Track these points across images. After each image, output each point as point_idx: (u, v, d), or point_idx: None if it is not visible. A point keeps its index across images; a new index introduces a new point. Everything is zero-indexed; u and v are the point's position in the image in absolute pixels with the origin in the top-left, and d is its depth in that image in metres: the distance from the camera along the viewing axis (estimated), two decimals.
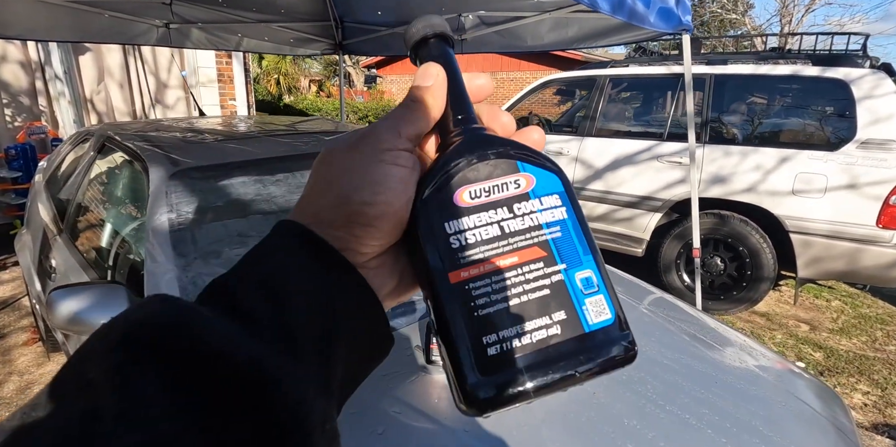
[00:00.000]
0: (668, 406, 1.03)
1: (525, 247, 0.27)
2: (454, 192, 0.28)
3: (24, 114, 4.70)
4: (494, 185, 0.28)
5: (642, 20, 1.77)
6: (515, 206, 0.28)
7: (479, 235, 0.27)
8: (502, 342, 0.25)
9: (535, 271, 0.27)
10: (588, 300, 0.27)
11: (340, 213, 0.27)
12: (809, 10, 14.68)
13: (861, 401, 2.55)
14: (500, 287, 0.26)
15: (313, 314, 0.24)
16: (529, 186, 0.28)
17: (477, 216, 0.27)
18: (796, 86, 3.34)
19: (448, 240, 0.27)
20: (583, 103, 4.32)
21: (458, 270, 0.26)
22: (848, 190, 2.93)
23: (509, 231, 0.27)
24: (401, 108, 0.30)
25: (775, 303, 3.68)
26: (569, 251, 0.28)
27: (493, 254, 0.27)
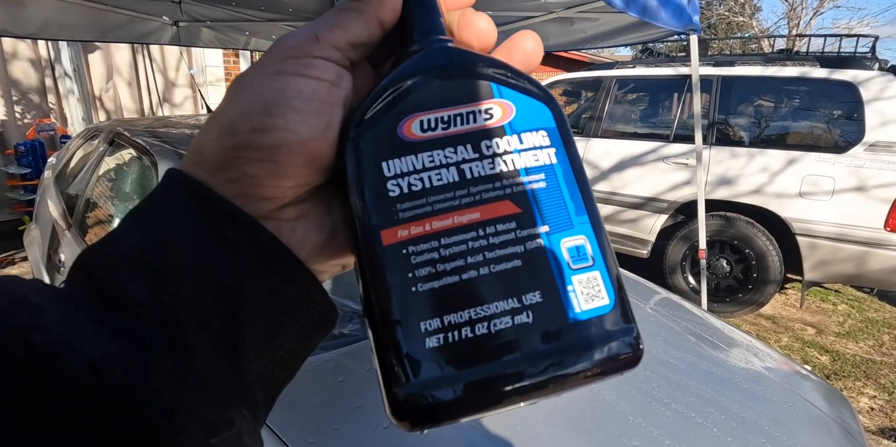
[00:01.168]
0: (673, 404, 1.03)
1: (492, 200, 0.20)
2: (400, 120, 0.21)
3: (34, 111, 4.74)
4: (457, 113, 0.21)
5: (654, 17, 1.77)
6: (484, 143, 0.21)
7: (429, 181, 0.20)
8: (447, 331, 0.19)
9: (504, 234, 0.20)
10: (577, 277, 0.20)
11: (226, 147, 0.20)
12: (817, 13, 14.62)
13: (868, 405, 2.53)
14: (450, 253, 0.19)
15: (201, 289, 0.18)
16: (507, 118, 0.21)
17: (428, 155, 0.20)
18: (804, 88, 3.33)
19: (384, 186, 0.20)
20: (589, 104, 4.32)
21: (395, 228, 0.19)
22: (855, 192, 2.91)
23: (472, 176, 0.20)
24: (334, 10, 0.23)
25: (781, 307, 3.66)
26: (555, 208, 0.21)
27: (446, 207, 0.20)
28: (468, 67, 0.22)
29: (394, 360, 0.18)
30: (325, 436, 0.86)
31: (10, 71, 4.52)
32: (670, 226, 3.59)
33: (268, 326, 0.19)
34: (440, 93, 0.21)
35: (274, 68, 0.21)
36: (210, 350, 0.18)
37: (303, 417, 0.89)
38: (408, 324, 0.19)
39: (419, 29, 0.23)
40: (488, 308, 0.19)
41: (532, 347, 0.19)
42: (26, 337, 0.15)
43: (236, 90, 0.21)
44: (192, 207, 0.19)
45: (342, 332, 1.10)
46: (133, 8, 3.00)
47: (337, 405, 0.92)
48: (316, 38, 0.21)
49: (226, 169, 0.20)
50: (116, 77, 5.16)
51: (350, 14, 0.22)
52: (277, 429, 0.85)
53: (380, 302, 0.19)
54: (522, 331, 0.19)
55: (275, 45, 0.22)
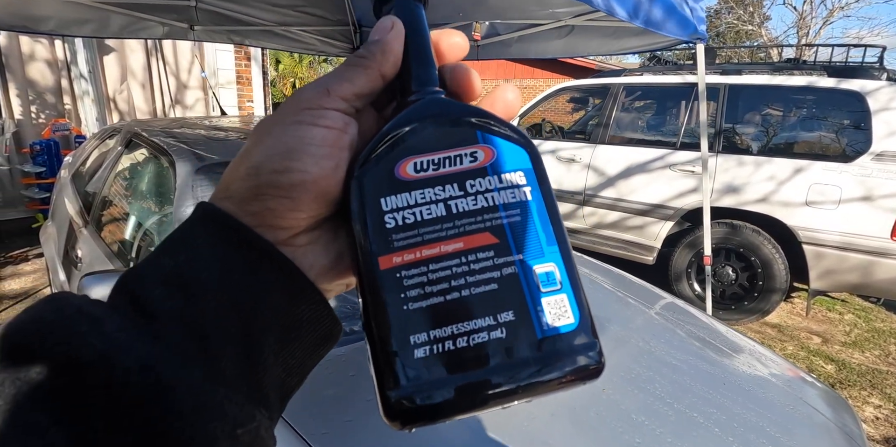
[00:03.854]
0: (676, 404, 1.05)
1: (474, 232, 0.23)
2: (397, 162, 0.24)
3: (49, 111, 4.82)
4: (446, 156, 0.24)
5: (659, 26, 1.80)
6: (468, 182, 0.24)
7: (421, 214, 0.23)
8: (433, 343, 0.22)
9: (483, 261, 0.23)
10: (546, 299, 0.23)
11: (251, 185, 0.23)
12: (827, 23, 14.61)
13: (873, 414, 2.53)
14: (437, 277, 0.23)
15: (226, 304, 0.21)
16: (487, 160, 0.25)
17: (420, 192, 0.24)
18: (811, 97, 3.34)
19: (382, 219, 0.23)
20: (596, 111, 4.34)
21: (391, 255, 0.23)
22: (862, 202, 2.92)
23: (457, 211, 0.24)
24: (342, 65, 0.27)
25: (787, 315, 3.66)
26: (528, 239, 0.24)
27: (435, 237, 0.23)
28: (456, 117, 0.25)
29: (387, 368, 0.22)
30: (338, 427, 0.89)
31: (28, 72, 4.61)
32: (676, 233, 3.60)
33: (282, 338, 0.22)
34: (432, 138, 0.25)
35: (293, 118, 0.24)
36: (232, 356, 0.20)
37: (317, 410, 0.92)
38: (400, 337, 0.22)
39: (416, 80, 0.27)
40: (468, 324, 0.22)
41: (505, 359, 0.22)
42: (89, 339, 0.18)
43: (260, 135, 0.25)
44: (220, 235, 0.22)
45: (353, 329, 1.13)
46: (149, 11, 3.06)
47: (349, 398, 0.95)
48: (327, 91, 0.25)
49: (250, 203, 0.23)
50: (130, 79, 5.25)
51: (356, 70, 0.26)
52: (292, 420, 0.88)
53: (376, 317, 0.22)
54: (497, 344, 0.22)
55: (293, 96, 0.25)
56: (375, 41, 0.27)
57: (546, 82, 13.09)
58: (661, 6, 1.76)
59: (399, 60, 0.27)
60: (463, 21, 3.25)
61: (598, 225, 3.93)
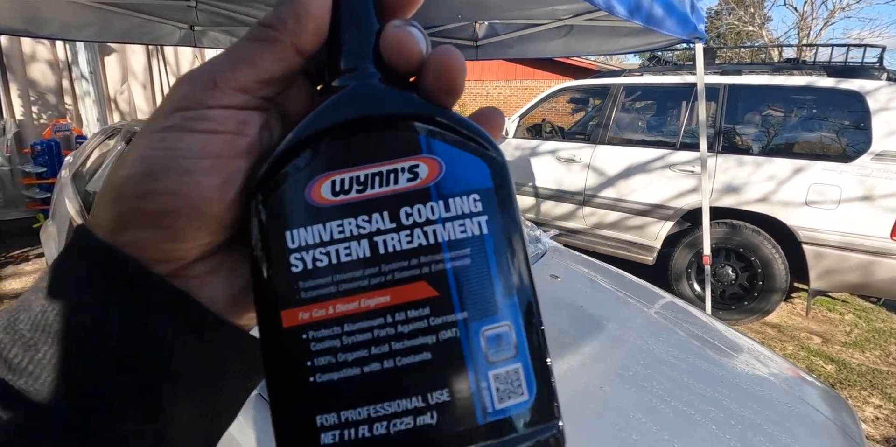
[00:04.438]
0: (673, 402, 1.05)
1: (406, 281, 0.18)
2: (309, 180, 0.18)
3: (51, 111, 4.84)
4: (375, 172, 0.18)
5: (659, 25, 1.81)
6: (404, 210, 0.18)
7: (337, 256, 0.18)
8: (343, 427, 0.17)
9: (415, 321, 0.18)
10: (494, 372, 0.17)
11: (115, 212, 0.18)
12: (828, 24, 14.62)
13: (873, 414, 2.52)
14: (353, 342, 0.17)
15: (106, 357, 0.17)
16: (432, 178, 0.18)
17: (338, 224, 0.18)
18: (811, 97, 3.34)
19: (288, 260, 0.18)
20: (596, 111, 4.35)
21: (297, 309, 0.18)
22: (862, 201, 2.92)
23: (385, 252, 0.18)
24: (242, 39, 0.19)
25: (787, 315, 3.65)
26: (478, 290, 0.18)
27: (353, 288, 0.18)
28: (393, 115, 0.19)
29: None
30: None
31: (29, 72, 4.62)
32: (676, 233, 3.59)
33: (196, 384, 0.19)
34: (357, 147, 0.18)
35: (160, 124, 0.18)
36: (120, 414, 0.17)
37: None
38: (304, 416, 0.17)
39: (347, 54, 0.20)
40: (389, 406, 0.17)
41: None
42: None
43: (129, 149, 0.19)
44: (94, 270, 0.18)
45: None
46: (149, 11, 3.07)
47: None
48: (214, 83, 0.18)
49: (120, 233, 0.18)
50: (131, 79, 5.26)
51: (260, 46, 0.19)
52: None
53: (276, 387, 0.18)
54: (424, 433, 0.17)
55: (168, 92, 0.19)
56: (287, 2, 0.19)
57: (546, 83, 13.10)
58: (661, 4, 1.77)
59: (324, 27, 0.19)
60: (462, 22, 3.26)
61: (597, 225, 3.93)
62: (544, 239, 1.93)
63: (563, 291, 1.55)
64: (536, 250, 1.80)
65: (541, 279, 1.60)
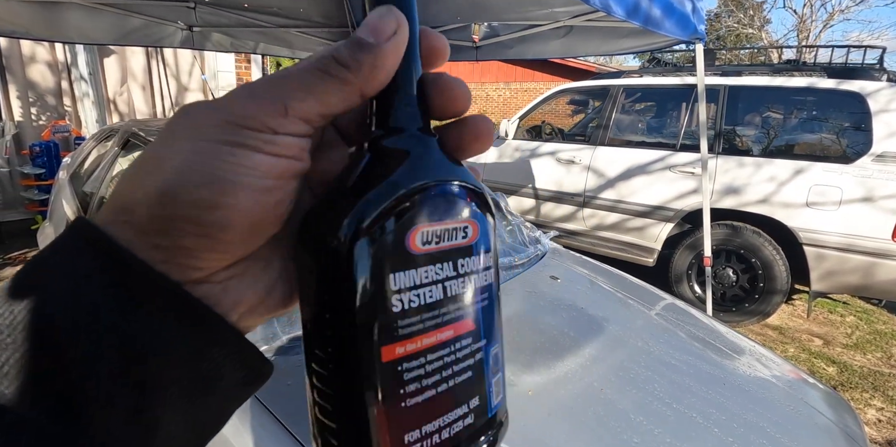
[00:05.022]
0: (675, 404, 1.04)
1: (461, 319, 0.22)
2: (408, 230, 0.20)
3: (50, 112, 4.83)
4: (446, 229, 0.21)
5: (658, 25, 1.80)
6: (460, 261, 0.22)
7: (425, 297, 0.20)
8: (423, 439, 0.20)
9: (465, 349, 0.22)
10: (494, 380, 0.23)
11: (163, 215, 0.18)
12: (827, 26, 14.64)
13: (875, 416, 2.51)
14: (432, 369, 0.20)
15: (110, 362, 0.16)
16: (474, 238, 0.22)
17: (425, 270, 0.20)
18: (811, 98, 3.34)
19: (390, 300, 0.20)
20: (596, 113, 4.34)
21: (394, 344, 0.20)
22: (863, 203, 2.91)
23: (450, 294, 0.21)
24: (314, 69, 0.20)
25: (788, 317, 3.64)
26: (491, 323, 0.23)
27: (433, 324, 0.21)
28: (459, 182, 0.22)
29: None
30: None
31: (28, 73, 4.62)
32: (676, 234, 3.58)
33: (190, 392, 0.19)
34: (440, 205, 0.21)
35: (231, 137, 0.18)
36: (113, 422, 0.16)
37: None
38: (396, 438, 0.20)
39: (400, 111, 0.22)
40: (450, 416, 0.21)
41: (470, 443, 0.22)
42: None
43: (177, 142, 0.18)
44: (107, 271, 0.17)
45: None
46: (149, 13, 3.07)
47: None
48: (285, 110, 0.19)
49: (157, 235, 0.18)
50: (131, 81, 5.26)
51: (331, 82, 0.20)
52: (286, 421, 0.86)
53: (372, 418, 0.19)
54: (467, 430, 0.22)
55: (231, 101, 0.19)
56: (367, 45, 0.20)
57: (546, 85, 13.11)
58: (660, 4, 1.76)
59: (388, 81, 0.21)
60: (461, 23, 3.26)
61: (597, 226, 3.92)
62: (544, 240, 1.92)
63: (563, 293, 1.54)
64: (536, 251, 1.79)
65: (541, 280, 1.59)
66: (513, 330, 1.26)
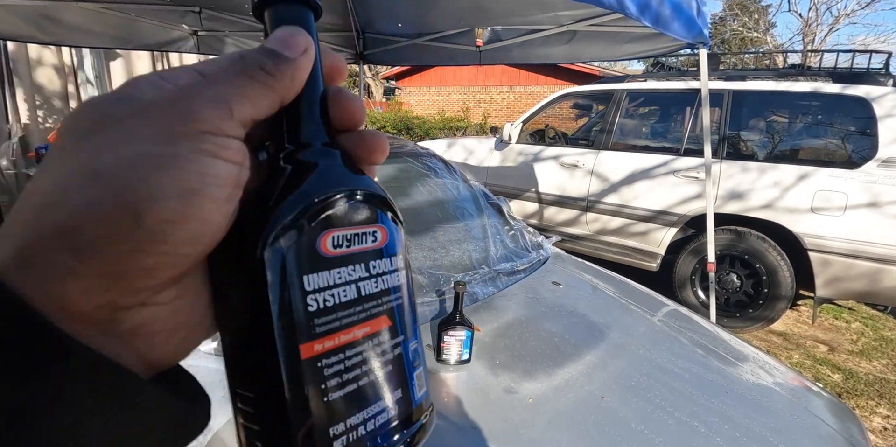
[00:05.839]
0: (676, 413, 1.03)
1: (377, 315, 0.23)
2: (318, 234, 0.21)
3: (56, 115, 4.87)
4: (356, 233, 0.23)
5: (666, 26, 1.80)
6: (371, 263, 0.23)
7: (339, 297, 0.22)
8: (349, 432, 0.21)
9: (382, 344, 0.23)
10: (416, 374, 0.25)
11: (117, 232, 0.16)
12: (833, 30, 14.60)
13: (881, 424, 2.48)
14: (351, 364, 0.22)
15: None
16: (383, 241, 0.24)
17: (338, 271, 0.22)
18: (816, 103, 3.32)
19: (306, 300, 0.21)
20: (599, 117, 4.34)
21: (313, 342, 0.21)
22: (869, 208, 2.89)
23: (364, 294, 0.23)
24: (242, 74, 0.20)
25: (793, 323, 3.61)
26: (406, 320, 0.25)
27: (350, 321, 0.22)
28: (367, 191, 0.24)
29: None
30: None
31: (35, 77, 4.66)
32: (680, 239, 3.57)
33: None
34: (350, 211, 0.23)
35: (191, 144, 0.17)
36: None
37: None
38: (322, 432, 0.21)
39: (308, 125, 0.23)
40: (373, 408, 0.22)
41: (395, 432, 0.23)
42: None
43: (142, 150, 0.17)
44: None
45: None
46: (155, 17, 3.09)
47: None
48: (230, 112, 0.19)
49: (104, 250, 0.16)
50: None
51: (260, 88, 0.20)
52: None
53: (296, 413, 0.20)
54: (392, 420, 0.23)
55: (181, 99, 0.18)
56: (286, 59, 0.21)
57: (549, 89, 13.12)
58: (670, 5, 1.76)
59: (300, 89, 0.22)
60: (465, 27, 3.27)
61: (601, 231, 3.91)
62: (546, 245, 1.91)
63: (564, 299, 1.53)
64: (539, 257, 1.78)
65: (543, 286, 1.58)
66: (513, 337, 1.25)
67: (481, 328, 1.24)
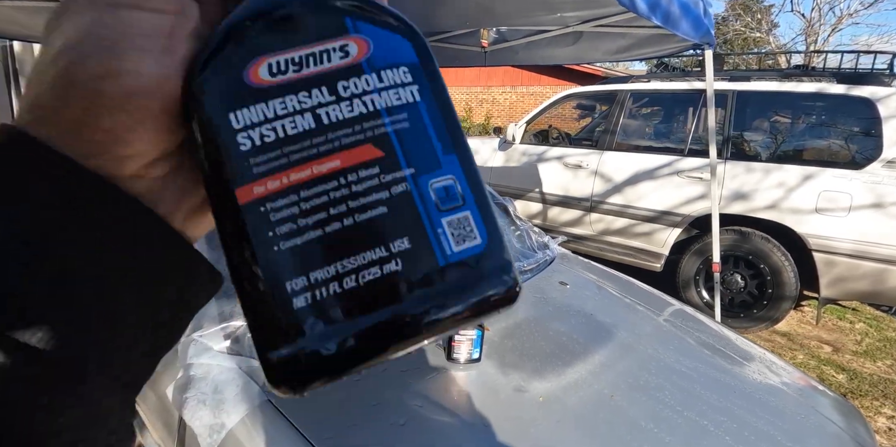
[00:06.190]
0: (685, 412, 1.04)
1: (353, 146, 0.19)
2: (246, 63, 0.19)
3: None
4: (309, 53, 0.19)
5: (675, 25, 1.80)
6: (341, 83, 0.19)
7: (284, 130, 0.19)
8: (314, 288, 0.18)
9: (367, 180, 0.19)
10: (447, 220, 0.19)
11: (69, 98, 0.17)
12: (836, 30, 14.57)
13: (885, 425, 2.48)
14: (312, 206, 0.18)
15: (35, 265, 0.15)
16: (362, 55, 0.20)
17: (280, 101, 0.19)
18: (820, 103, 3.32)
19: (235, 139, 0.18)
20: (602, 118, 4.34)
21: (250, 185, 0.18)
22: (873, 209, 2.89)
23: (329, 121, 0.19)
24: None
25: (797, 324, 3.61)
26: (420, 149, 0.19)
27: (304, 157, 0.19)
28: (319, 0, 0.20)
29: (263, 324, 0.18)
30: (344, 432, 0.88)
31: None
32: (684, 240, 3.57)
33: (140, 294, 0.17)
34: (290, 31, 0.19)
35: (106, 1, 0.17)
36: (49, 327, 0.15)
37: (322, 415, 0.91)
38: (273, 287, 0.18)
39: None
40: (354, 260, 0.18)
41: (404, 295, 0.18)
42: None
43: (62, 23, 0.17)
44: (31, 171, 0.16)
45: None
46: None
47: (355, 403, 0.94)
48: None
49: (73, 124, 0.17)
50: None
51: None
52: (299, 425, 0.87)
53: (242, 265, 0.18)
54: (392, 279, 0.18)
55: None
56: None
57: (553, 89, 13.12)
58: (678, 4, 1.78)
59: None
60: (470, 28, 3.28)
61: (605, 231, 3.92)
62: (553, 245, 1.92)
63: (572, 299, 1.54)
64: (545, 257, 1.79)
65: (550, 286, 1.59)
66: (522, 336, 1.27)
67: (490, 328, 1.25)
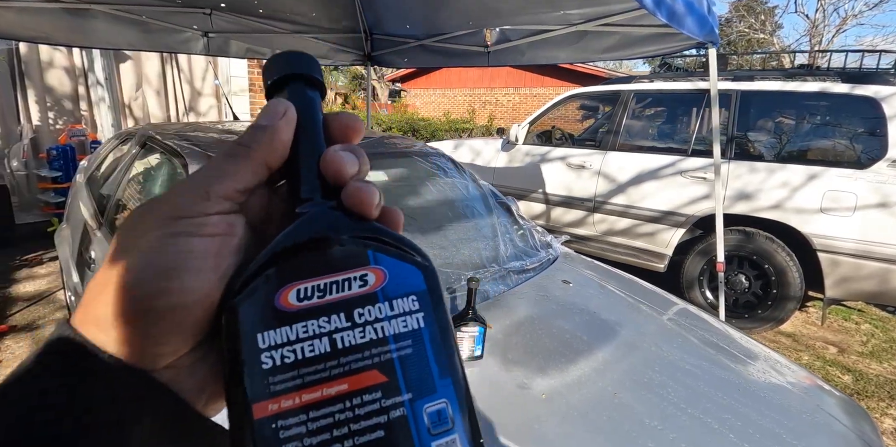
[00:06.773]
0: (690, 409, 1.03)
1: (360, 371, 0.21)
2: (278, 289, 0.21)
3: (66, 117, 4.92)
4: (333, 281, 0.22)
5: (680, 22, 1.80)
6: (357, 311, 0.22)
7: (302, 352, 0.20)
8: None
9: (369, 404, 0.20)
10: (437, 443, 0.20)
11: (122, 309, 0.20)
12: (840, 31, 14.52)
13: (892, 426, 2.46)
14: (317, 427, 0.20)
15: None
16: (379, 284, 0.22)
17: (303, 325, 0.21)
18: (825, 103, 3.31)
19: (259, 358, 0.20)
20: (606, 118, 4.34)
21: (266, 401, 0.20)
22: (878, 209, 2.87)
23: (343, 346, 0.21)
24: (221, 155, 0.24)
25: (802, 324, 3.59)
26: (419, 375, 0.21)
27: (316, 379, 0.20)
28: (347, 235, 0.23)
29: None
30: None
31: (46, 79, 4.71)
32: (688, 240, 3.56)
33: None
34: (319, 261, 0.22)
35: (169, 230, 0.21)
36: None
37: None
38: None
39: (305, 185, 0.24)
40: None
41: None
42: None
43: (127, 247, 0.21)
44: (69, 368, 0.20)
45: None
46: (166, 19, 3.12)
47: None
48: (207, 194, 0.22)
49: (120, 329, 0.20)
50: (146, 86, 5.34)
51: (238, 161, 0.23)
52: None
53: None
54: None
55: (162, 203, 0.22)
56: (262, 127, 0.24)
57: (555, 90, 13.11)
58: (683, 1, 1.77)
59: (287, 152, 0.24)
60: (473, 28, 3.28)
61: (608, 232, 3.90)
62: (555, 244, 1.92)
63: (575, 297, 1.53)
64: (548, 255, 1.79)
65: (553, 285, 1.59)
66: (525, 333, 1.26)
67: (493, 325, 1.24)
